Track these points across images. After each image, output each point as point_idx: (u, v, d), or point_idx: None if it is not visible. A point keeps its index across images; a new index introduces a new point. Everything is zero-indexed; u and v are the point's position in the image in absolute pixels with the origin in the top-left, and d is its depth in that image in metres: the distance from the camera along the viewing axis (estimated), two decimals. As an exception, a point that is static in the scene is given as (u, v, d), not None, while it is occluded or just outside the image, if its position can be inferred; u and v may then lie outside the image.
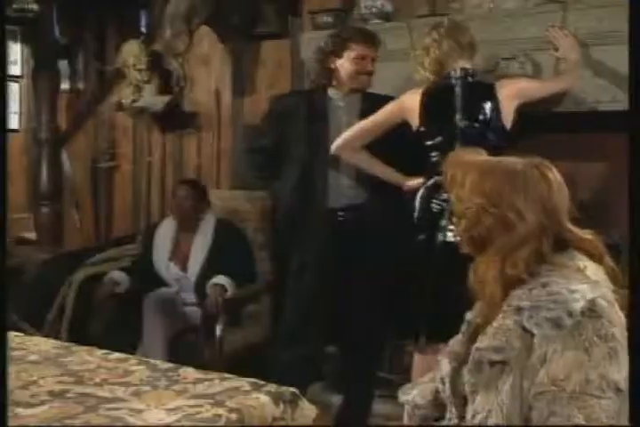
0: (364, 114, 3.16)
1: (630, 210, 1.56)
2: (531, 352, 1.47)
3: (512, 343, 1.48)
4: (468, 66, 2.90)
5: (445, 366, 1.66)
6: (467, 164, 1.62)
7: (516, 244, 1.53)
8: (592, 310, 1.45)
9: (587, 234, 1.59)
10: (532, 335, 1.47)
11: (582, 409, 1.40)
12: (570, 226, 1.58)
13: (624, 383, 1.45)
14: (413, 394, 1.80)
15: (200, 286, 3.65)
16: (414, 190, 2.90)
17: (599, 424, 1.40)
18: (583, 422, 1.40)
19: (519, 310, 1.50)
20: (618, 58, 3.01)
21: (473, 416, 1.53)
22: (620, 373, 1.44)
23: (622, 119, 3.04)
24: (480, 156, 1.67)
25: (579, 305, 1.45)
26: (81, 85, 5.24)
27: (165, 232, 3.85)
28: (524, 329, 1.48)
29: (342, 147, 3.07)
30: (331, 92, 3.24)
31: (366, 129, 3.04)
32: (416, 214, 2.87)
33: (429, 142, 2.88)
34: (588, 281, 1.50)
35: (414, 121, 2.92)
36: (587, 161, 3.34)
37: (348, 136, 3.06)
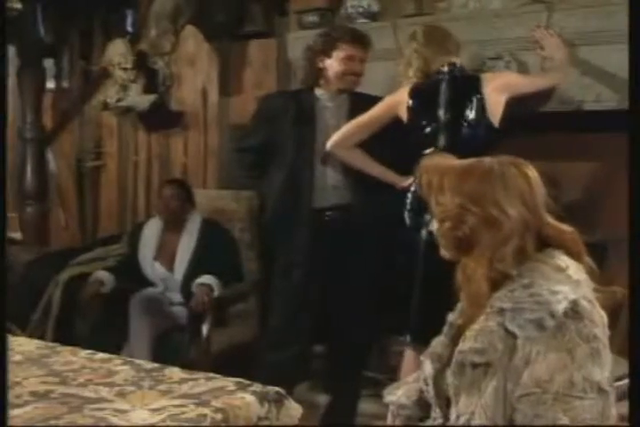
0: (351, 114, 3.16)
1: (630, 209, 1.57)
2: (514, 354, 1.47)
3: (495, 345, 1.48)
4: (455, 60, 2.91)
5: (428, 367, 1.66)
6: (441, 168, 1.62)
7: (502, 240, 1.53)
8: (574, 311, 1.45)
9: (566, 228, 1.60)
10: (515, 337, 1.47)
11: (567, 411, 1.40)
12: (550, 220, 1.59)
13: (607, 383, 1.45)
14: (398, 394, 1.80)
15: (186, 286, 3.64)
16: (408, 189, 2.91)
17: (583, 422, 1.40)
18: (567, 422, 1.40)
19: (501, 311, 1.50)
20: (603, 57, 3.03)
21: (457, 418, 1.53)
22: (602, 373, 1.44)
23: (607, 119, 3.09)
24: (451, 159, 1.67)
25: (561, 306, 1.45)
26: (66, 84, 5.20)
27: (151, 232, 3.85)
28: (507, 331, 1.48)
29: (338, 143, 3.06)
30: (318, 92, 3.23)
31: (363, 124, 3.03)
32: (406, 212, 2.88)
33: (416, 138, 2.89)
34: (569, 281, 1.50)
35: (404, 116, 2.94)
36: (572, 160, 3.35)
37: (344, 132, 3.05)
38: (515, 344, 1.47)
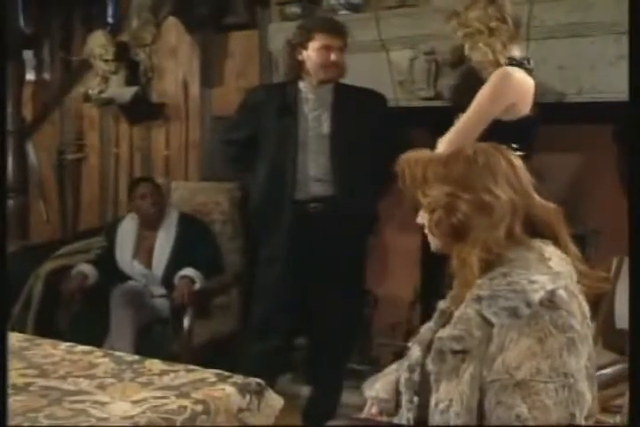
0: (335, 106, 3.16)
1: (630, 207, 1.58)
2: (490, 341, 1.48)
3: (472, 332, 1.49)
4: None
5: (416, 353, 1.66)
6: (423, 160, 1.63)
7: (495, 223, 1.54)
8: (551, 301, 1.46)
9: (551, 208, 1.61)
10: (492, 325, 1.49)
11: (527, 397, 1.41)
12: (537, 199, 1.60)
13: (584, 372, 1.46)
14: (377, 388, 1.82)
15: (167, 280, 3.64)
16: None
17: (544, 412, 1.41)
18: (525, 411, 1.41)
19: (479, 299, 1.51)
20: (584, 50, 3.03)
21: (435, 405, 1.53)
22: (578, 363, 1.45)
23: (588, 111, 3.10)
24: (429, 152, 1.68)
25: (537, 295, 1.46)
26: (47, 76, 5.18)
27: (127, 230, 3.83)
28: (484, 318, 1.49)
29: None
30: (301, 84, 3.22)
31: None
32: None
33: None
34: (549, 272, 1.51)
35: None
36: (553, 152, 3.36)
37: None
38: (491, 332, 1.48)
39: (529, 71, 2.76)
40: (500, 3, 2.74)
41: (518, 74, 2.71)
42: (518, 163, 1.61)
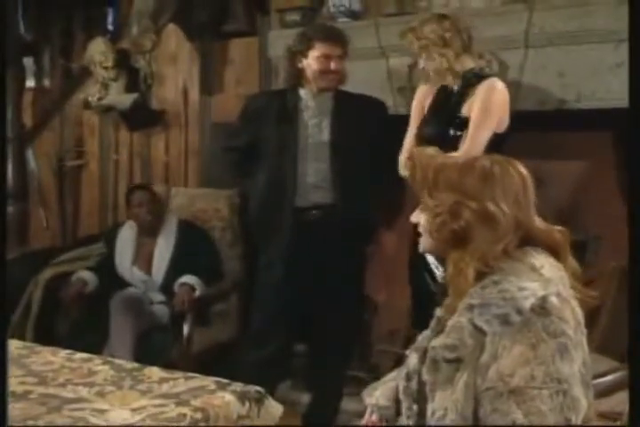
0: (335, 113, 3.16)
1: (630, 210, 1.57)
2: (483, 350, 1.48)
3: (465, 341, 1.50)
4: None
5: (413, 360, 1.66)
6: (437, 164, 1.62)
7: (499, 236, 1.54)
8: (542, 307, 1.47)
9: (554, 230, 1.61)
10: (484, 333, 1.49)
11: (522, 404, 1.42)
12: (538, 222, 1.60)
13: (578, 378, 1.46)
14: (377, 395, 1.81)
15: (167, 287, 3.63)
16: None
17: (540, 417, 1.41)
18: (521, 418, 1.41)
19: (471, 307, 1.51)
20: (583, 57, 3.04)
21: (432, 414, 1.54)
22: (571, 368, 1.45)
23: (587, 118, 3.11)
24: (442, 154, 1.67)
25: (528, 302, 1.46)
26: (47, 83, 5.18)
27: (127, 237, 3.82)
28: (476, 327, 1.50)
29: None
30: (301, 91, 3.23)
31: None
32: None
33: None
34: (539, 279, 1.51)
35: None
36: (553, 159, 3.37)
37: None
38: (484, 340, 1.48)
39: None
40: (454, 18, 2.91)
41: (501, 83, 2.84)
42: (529, 180, 1.60)
